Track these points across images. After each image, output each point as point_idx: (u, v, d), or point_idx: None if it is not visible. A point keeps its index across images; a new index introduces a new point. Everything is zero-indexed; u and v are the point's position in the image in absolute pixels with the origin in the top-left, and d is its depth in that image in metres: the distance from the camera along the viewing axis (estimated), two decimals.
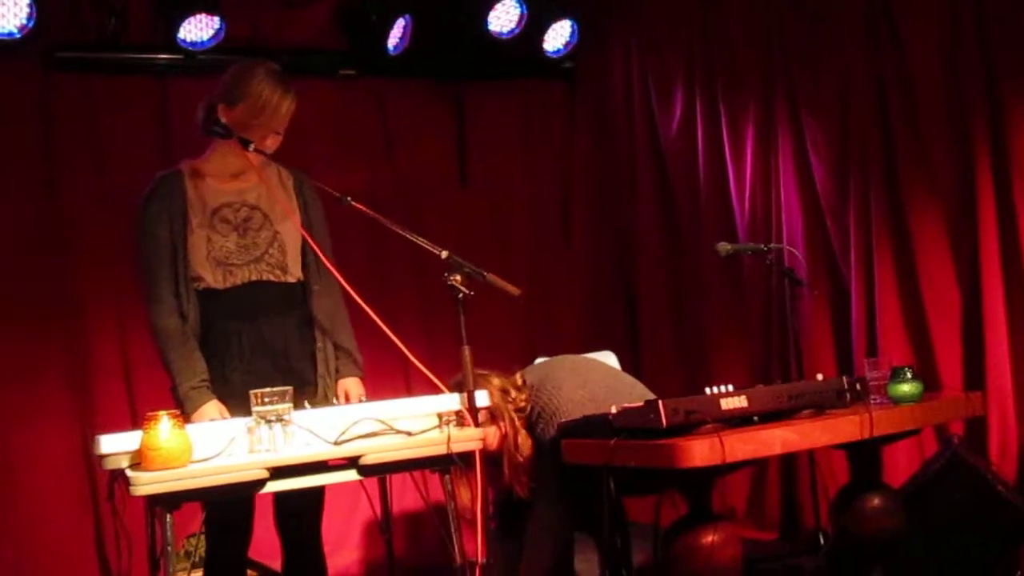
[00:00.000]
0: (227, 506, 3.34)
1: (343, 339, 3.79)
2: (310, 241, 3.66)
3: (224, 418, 3.41)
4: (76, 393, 5.14)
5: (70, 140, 5.24)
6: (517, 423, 4.01)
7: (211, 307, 3.57)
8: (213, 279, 3.56)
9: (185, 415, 3.25)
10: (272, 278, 3.64)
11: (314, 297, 3.73)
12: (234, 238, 3.60)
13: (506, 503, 4.28)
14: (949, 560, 4.14)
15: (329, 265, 3.61)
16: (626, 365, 4.95)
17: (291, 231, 3.70)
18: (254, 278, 3.61)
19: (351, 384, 3.78)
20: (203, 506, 3.02)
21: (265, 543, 3.96)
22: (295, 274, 3.70)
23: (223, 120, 3.56)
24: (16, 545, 4.95)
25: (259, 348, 3.61)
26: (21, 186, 5.15)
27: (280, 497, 3.66)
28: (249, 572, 4.24)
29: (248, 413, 3.09)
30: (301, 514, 3.73)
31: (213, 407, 3.46)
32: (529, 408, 4.03)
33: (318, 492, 3.70)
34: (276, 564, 3.84)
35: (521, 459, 4.01)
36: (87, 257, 5.21)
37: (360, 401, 3.66)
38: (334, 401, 3.69)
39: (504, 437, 4.03)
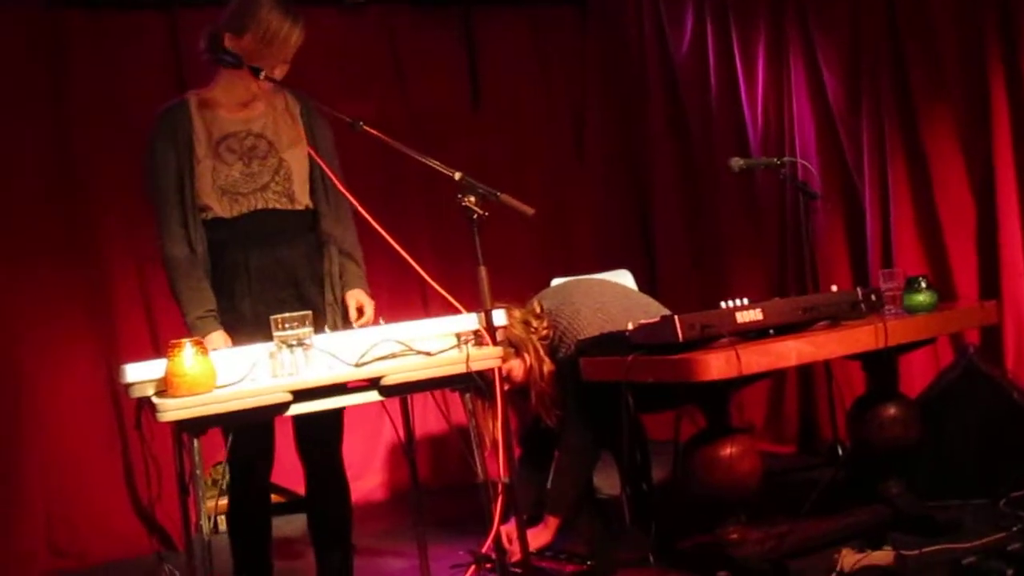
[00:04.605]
0: (249, 436, 3.37)
1: (355, 255, 3.78)
2: (322, 164, 3.66)
3: (228, 347, 3.43)
4: (99, 326, 5.22)
5: (80, 77, 5.25)
6: (542, 352, 4.05)
7: (219, 236, 3.57)
8: (220, 208, 3.56)
9: None
10: (279, 206, 3.64)
11: (323, 221, 3.73)
12: (239, 167, 3.60)
13: (531, 432, 4.33)
14: (966, 468, 4.17)
15: (341, 187, 3.59)
16: (642, 282, 4.98)
17: (297, 158, 3.70)
18: (261, 206, 3.61)
19: (360, 295, 3.74)
20: (224, 439, 3.05)
21: (290, 468, 4.03)
22: (303, 201, 3.70)
23: (230, 49, 3.55)
24: (47, 477, 5.05)
25: (267, 275, 3.61)
26: (35, 125, 5.17)
27: (300, 425, 3.71)
28: (274, 497, 4.31)
29: (259, 340, 3.13)
30: (322, 441, 3.76)
31: (219, 337, 3.46)
32: (550, 334, 4.07)
33: (337, 418, 3.73)
34: (300, 488, 3.89)
35: (548, 388, 4.06)
36: (104, 193, 5.23)
37: (372, 313, 3.68)
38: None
39: (529, 369, 4.07)
